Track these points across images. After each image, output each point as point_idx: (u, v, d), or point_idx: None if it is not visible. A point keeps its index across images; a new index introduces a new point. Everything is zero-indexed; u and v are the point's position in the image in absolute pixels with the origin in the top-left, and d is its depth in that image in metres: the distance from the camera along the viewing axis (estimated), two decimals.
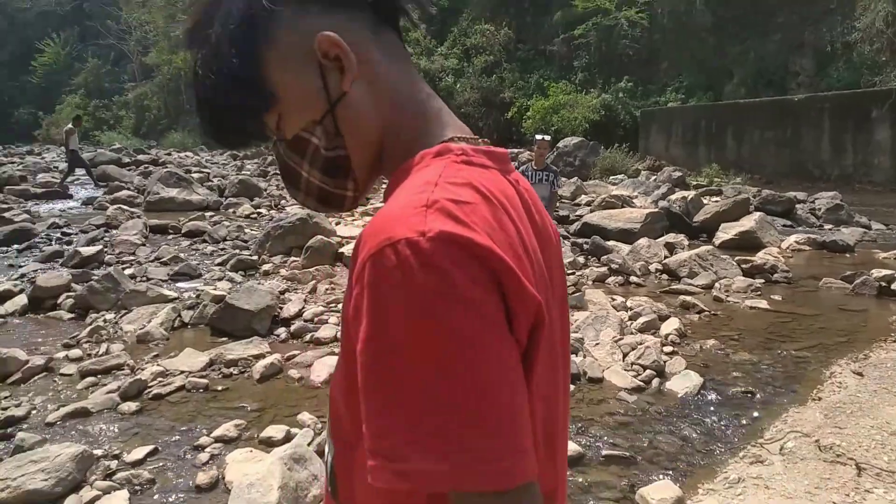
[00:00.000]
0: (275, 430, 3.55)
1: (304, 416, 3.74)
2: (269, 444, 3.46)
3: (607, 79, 23.45)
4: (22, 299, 6.13)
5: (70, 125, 16.06)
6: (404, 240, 0.53)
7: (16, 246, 8.45)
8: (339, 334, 5.13)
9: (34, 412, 3.93)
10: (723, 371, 4.40)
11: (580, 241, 8.69)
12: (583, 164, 18.20)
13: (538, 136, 6.66)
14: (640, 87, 22.86)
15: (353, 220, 10.10)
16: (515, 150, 20.51)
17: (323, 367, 4.51)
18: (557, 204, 9.32)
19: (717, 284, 6.56)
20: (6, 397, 4.16)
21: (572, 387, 4.18)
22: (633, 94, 22.59)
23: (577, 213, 11.15)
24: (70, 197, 13.93)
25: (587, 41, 23.99)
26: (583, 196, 13.21)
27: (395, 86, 0.72)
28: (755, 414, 3.76)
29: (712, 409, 3.85)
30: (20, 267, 7.42)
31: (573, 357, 4.61)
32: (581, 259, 7.71)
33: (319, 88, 0.68)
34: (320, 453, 3.27)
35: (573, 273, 7.04)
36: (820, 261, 8.20)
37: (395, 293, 0.52)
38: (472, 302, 0.53)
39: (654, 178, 15.88)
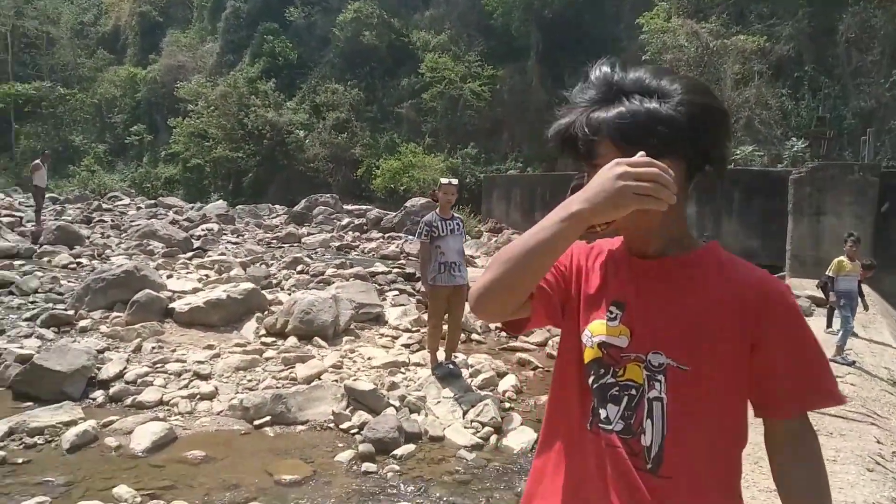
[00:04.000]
0: None
1: (122, 490, 3.39)
2: None
3: (454, 144, 24.56)
4: None
5: (38, 160, 14.74)
6: (786, 288, 1.05)
7: None
8: (164, 397, 4.76)
9: None
10: None
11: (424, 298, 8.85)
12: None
13: (444, 181, 5.62)
14: (483, 153, 24.14)
15: (188, 273, 9.54)
16: (364, 207, 20.67)
17: (145, 434, 4.14)
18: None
19: (550, 342, 6.93)
20: None
21: (412, 447, 4.18)
22: (477, 160, 23.80)
23: None
24: None
25: (434, 107, 25.07)
26: None
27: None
28: None
29: None
30: None
31: (415, 416, 4.63)
32: (425, 317, 7.83)
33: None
34: None
35: (417, 330, 7.13)
36: None
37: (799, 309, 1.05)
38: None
39: (494, 239, 16.68)
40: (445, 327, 5.60)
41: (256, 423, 4.47)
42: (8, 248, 10.60)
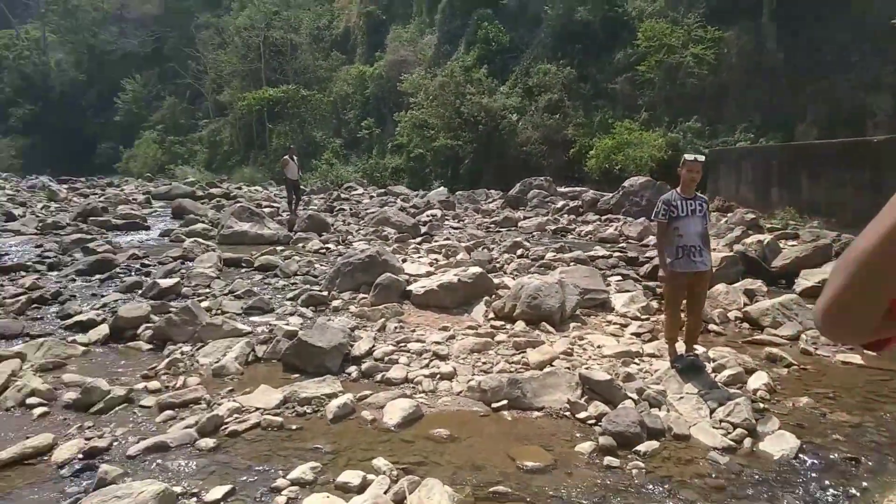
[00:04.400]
0: (350, 476, 3.49)
1: (380, 462, 3.66)
2: (344, 490, 3.39)
3: (674, 117, 23.10)
4: (104, 329, 6.34)
5: (286, 156, 16.28)
6: None
7: (98, 276, 8.79)
8: (409, 375, 5.08)
9: (115, 444, 3.99)
10: (821, 433, 4.11)
11: (651, 284, 8.44)
12: (649, 203, 17.83)
13: (689, 157, 5.07)
14: (707, 126, 22.39)
15: (419, 258, 10.12)
16: (578, 189, 20.33)
17: (395, 409, 4.44)
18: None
19: (803, 336, 6.20)
20: (90, 427, 4.25)
21: (656, 444, 3.98)
22: (700, 134, 22.14)
23: (647, 254, 10.86)
24: (148, 228, 14.51)
25: (651, 78, 23.76)
26: (651, 237, 12.89)
27: None
28: (863, 484, 3.47)
29: (814, 475, 3.58)
30: (102, 296, 7.70)
31: (656, 411, 4.41)
32: (654, 304, 7.46)
33: None
34: (399, 501, 3.19)
35: (647, 318, 6.82)
36: None
37: None
38: None
39: (724, 219, 15.40)
40: (683, 316, 5.26)
41: (494, 405, 4.58)
42: (270, 236, 12.16)
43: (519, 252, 10.67)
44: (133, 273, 8.95)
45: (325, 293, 7.67)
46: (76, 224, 14.10)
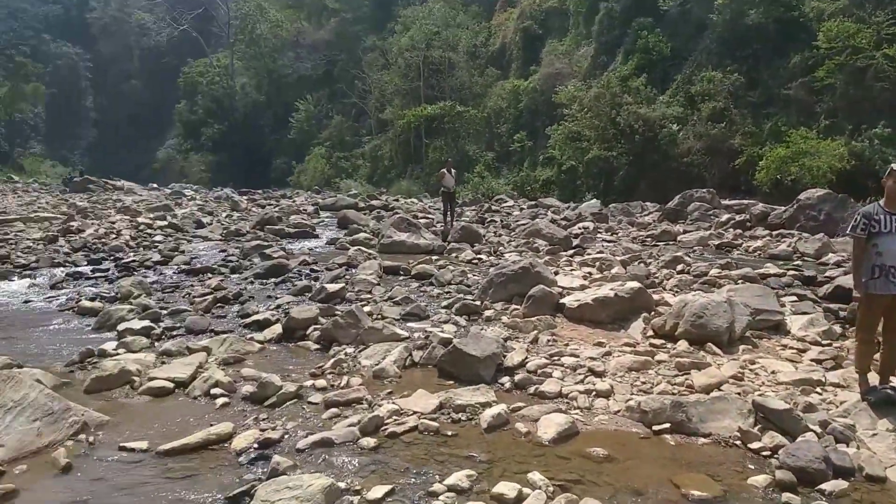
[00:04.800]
0: (506, 488, 3.45)
1: (535, 477, 3.60)
2: (500, 502, 3.37)
3: (857, 124, 20.84)
4: (277, 328, 6.86)
5: (443, 168, 16.36)
6: None
7: (273, 279, 9.55)
8: (563, 389, 4.96)
9: (286, 437, 4.26)
10: None
11: (833, 306, 7.61)
12: (829, 218, 16.17)
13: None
14: None
15: (572, 270, 9.92)
16: (745, 202, 18.94)
17: (550, 424, 4.36)
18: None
19: None
20: (264, 419, 4.58)
21: (844, 484, 3.55)
22: (890, 141, 19.78)
23: (826, 273, 9.82)
24: (317, 237, 15.56)
25: (832, 83, 21.62)
26: (830, 254, 11.67)
27: None
28: None
29: None
30: (277, 298, 8.34)
31: (843, 447, 3.94)
32: (837, 328, 6.71)
33: None
34: None
35: (829, 344, 6.15)
36: None
37: None
38: None
39: None
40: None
41: (655, 428, 4.35)
42: (426, 246, 12.55)
43: (679, 267, 10.11)
44: (303, 277, 9.62)
45: (478, 303, 7.74)
46: (255, 231, 15.45)
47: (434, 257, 11.29)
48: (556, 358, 5.79)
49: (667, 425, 4.34)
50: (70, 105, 76.11)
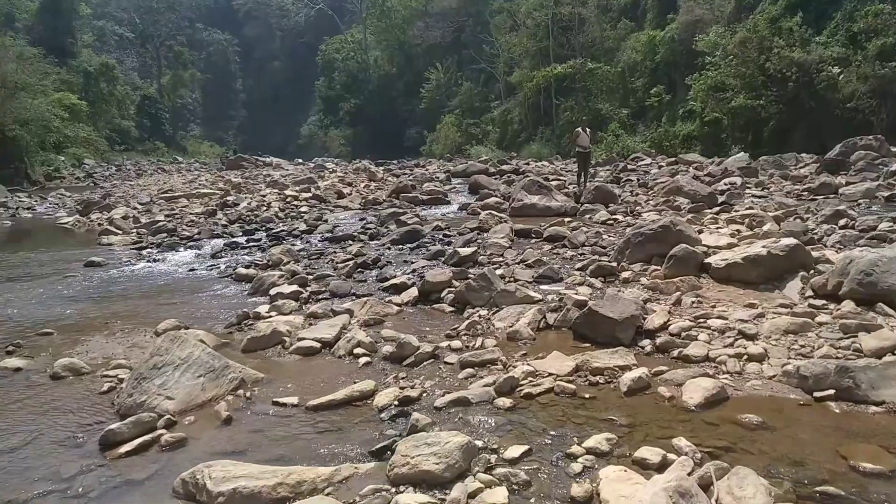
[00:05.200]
0: (649, 452, 3.31)
1: (681, 443, 3.41)
2: (643, 466, 3.23)
3: None
4: (413, 291, 7.03)
5: (578, 128, 15.81)
6: None
7: (408, 245, 9.80)
8: (710, 353, 4.67)
9: (424, 395, 4.36)
10: None
11: None
12: None
13: None
14: None
15: (718, 228, 9.29)
16: None
17: (696, 388, 4.11)
18: None
19: None
20: (403, 378, 4.72)
21: None
22: None
23: None
24: (449, 203, 15.77)
25: None
26: None
27: None
28: None
29: None
30: (412, 263, 8.55)
31: None
32: None
33: None
34: (704, 487, 2.92)
35: None
36: None
37: None
38: None
39: None
40: None
41: (817, 394, 3.97)
42: (558, 208, 12.31)
43: (842, 222, 9.16)
44: (437, 242, 9.79)
45: (614, 264, 7.47)
46: (390, 200, 15.94)
47: (566, 219, 11.04)
48: (701, 320, 5.45)
49: (830, 392, 3.95)
50: (222, 88, 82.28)
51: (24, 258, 11.25)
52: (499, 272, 7.31)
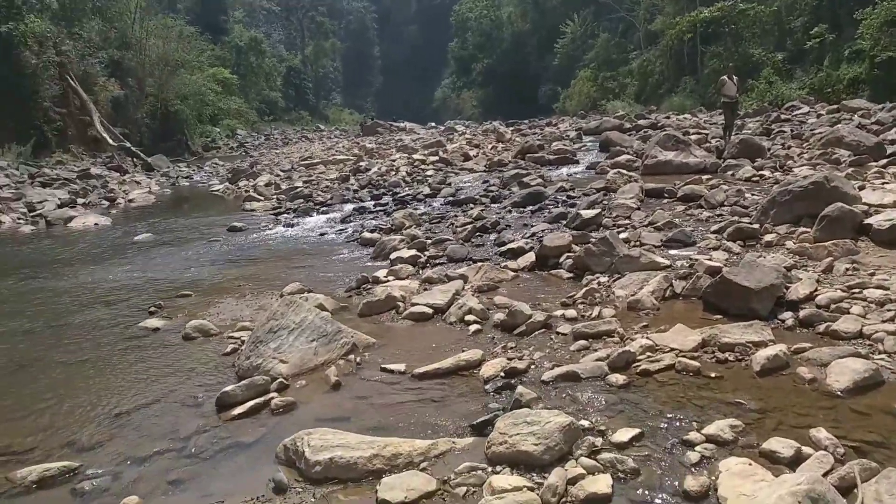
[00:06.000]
0: (780, 444, 2.90)
1: (820, 434, 2.97)
2: (772, 460, 2.84)
3: None
4: (530, 256, 6.79)
5: (724, 76, 14.00)
6: None
7: (530, 207, 9.49)
8: (865, 329, 4.05)
9: (532, 367, 4.16)
10: None
11: None
12: None
13: None
14: None
15: (884, 184, 8.13)
16: None
17: (844, 370, 3.58)
18: None
19: None
20: (512, 348, 4.54)
21: None
22: None
23: None
24: (577, 162, 15.15)
25: None
26: None
27: None
28: None
29: None
30: (532, 226, 8.27)
31: None
32: None
33: None
34: (845, 490, 2.50)
35: None
36: None
37: None
38: None
39: None
40: None
41: None
42: (696, 164, 11.38)
43: None
44: (559, 205, 9.39)
45: (757, 226, 6.75)
46: (516, 161, 15.55)
47: (705, 177, 10.16)
48: (856, 290, 4.77)
49: None
50: (361, 56, 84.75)
51: (176, 223, 12.27)
52: (623, 236, 6.88)
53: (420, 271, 6.96)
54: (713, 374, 3.80)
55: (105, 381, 4.56)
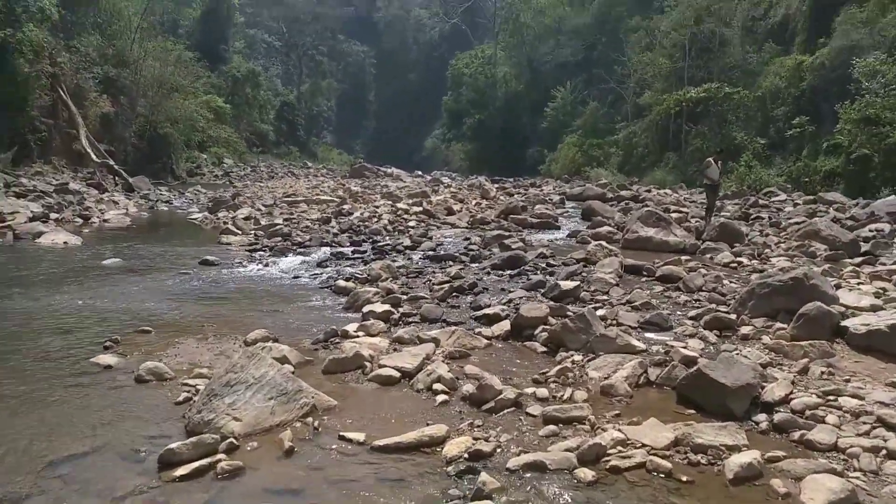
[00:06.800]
0: None
1: None
2: None
3: None
4: (506, 325, 6.64)
5: (710, 158, 14.70)
6: None
7: (509, 271, 9.39)
8: (840, 441, 3.95)
9: (498, 451, 3.98)
10: None
11: None
12: None
13: None
14: None
15: (859, 284, 8.20)
16: None
17: (818, 487, 3.46)
18: None
19: None
20: (479, 426, 4.35)
21: None
22: None
23: None
24: (558, 228, 15.20)
25: None
26: None
27: None
28: None
29: None
30: (510, 292, 8.15)
31: None
32: None
33: None
34: None
35: None
36: None
37: None
38: None
39: None
40: None
41: None
42: (676, 243, 11.43)
43: None
44: (539, 272, 9.30)
45: (734, 316, 6.70)
46: (498, 220, 15.56)
47: (684, 258, 10.20)
48: (831, 397, 4.69)
49: None
50: (356, 98, 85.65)
51: (148, 250, 11.97)
52: (600, 312, 6.79)
53: (392, 329, 6.77)
54: (685, 478, 3.65)
55: (43, 423, 4.28)
